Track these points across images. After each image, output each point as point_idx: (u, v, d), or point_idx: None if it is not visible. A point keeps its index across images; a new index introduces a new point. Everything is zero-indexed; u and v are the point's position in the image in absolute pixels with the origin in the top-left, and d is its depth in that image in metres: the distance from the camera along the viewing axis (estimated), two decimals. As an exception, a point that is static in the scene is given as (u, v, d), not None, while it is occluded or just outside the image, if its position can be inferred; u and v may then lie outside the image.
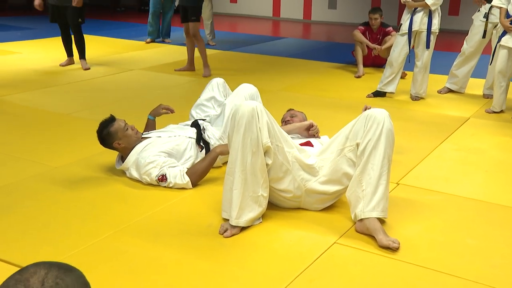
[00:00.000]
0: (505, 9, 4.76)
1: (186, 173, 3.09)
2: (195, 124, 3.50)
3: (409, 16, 5.10)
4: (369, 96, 5.38)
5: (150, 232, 2.60)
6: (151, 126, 3.63)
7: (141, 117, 3.89)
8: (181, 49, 6.41)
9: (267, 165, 2.58)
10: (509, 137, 4.18)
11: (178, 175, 3.07)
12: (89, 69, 6.41)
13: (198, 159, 3.29)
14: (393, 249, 2.42)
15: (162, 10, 8.55)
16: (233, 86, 3.93)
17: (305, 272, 2.26)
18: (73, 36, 6.40)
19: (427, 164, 3.58)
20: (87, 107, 4.85)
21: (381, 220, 2.58)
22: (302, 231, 2.61)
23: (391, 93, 5.36)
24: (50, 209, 2.83)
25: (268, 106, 3.66)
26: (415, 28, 5.07)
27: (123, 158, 3.27)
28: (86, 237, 2.53)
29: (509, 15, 4.72)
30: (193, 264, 2.31)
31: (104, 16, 12.13)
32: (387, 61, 5.38)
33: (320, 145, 3.04)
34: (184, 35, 6.40)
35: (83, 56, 6.49)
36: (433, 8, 4.98)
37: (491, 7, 5.12)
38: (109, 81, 5.94)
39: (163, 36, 8.70)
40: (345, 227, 2.66)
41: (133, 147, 3.21)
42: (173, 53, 7.61)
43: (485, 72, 5.52)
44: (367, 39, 6.57)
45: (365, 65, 6.56)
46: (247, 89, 3.68)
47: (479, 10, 5.37)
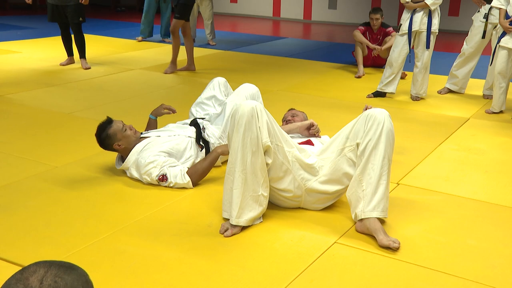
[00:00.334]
0: (505, 10, 4.77)
1: (186, 172, 3.09)
2: (195, 123, 3.50)
3: (409, 16, 5.10)
4: (369, 96, 5.39)
5: (150, 231, 2.60)
6: (152, 125, 3.63)
7: (142, 117, 3.91)
8: (181, 49, 6.41)
9: (267, 164, 2.59)
10: (509, 138, 4.19)
11: (178, 174, 3.07)
12: (89, 68, 6.41)
13: (198, 159, 3.29)
14: (394, 249, 2.42)
15: (160, 10, 8.55)
16: (233, 86, 3.94)
17: (305, 271, 2.26)
18: (73, 35, 6.41)
19: (427, 164, 3.59)
20: (88, 107, 4.85)
21: (381, 220, 2.58)
22: (302, 231, 2.61)
23: (391, 93, 5.36)
24: (50, 209, 2.83)
25: (268, 106, 3.67)
26: (415, 28, 5.07)
27: (123, 158, 3.28)
28: (86, 236, 2.53)
29: (508, 16, 4.73)
30: (193, 263, 2.31)
31: (104, 15, 12.13)
32: (387, 61, 5.39)
33: (320, 145, 3.04)
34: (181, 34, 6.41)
35: (83, 55, 6.49)
36: (432, 8, 4.98)
37: (491, 7, 5.13)
38: (109, 81, 5.95)
39: (163, 36, 8.70)
40: (345, 227, 2.66)
41: (133, 147, 3.22)
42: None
43: (485, 72, 5.53)
44: (367, 39, 6.57)
45: (365, 66, 6.57)
46: (248, 89, 3.69)
47: (479, 10, 5.37)
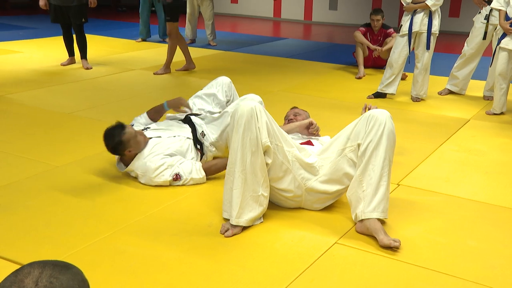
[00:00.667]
0: (504, 12, 4.76)
1: (202, 167, 3.12)
2: (189, 120, 3.46)
3: (409, 17, 5.10)
4: (369, 97, 5.39)
5: (150, 231, 2.60)
6: (158, 114, 3.57)
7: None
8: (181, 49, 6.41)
9: (267, 164, 2.59)
10: (509, 139, 4.19)
11: (193, 169, 3.08)
12: (90, 68, 6.42)
13: (199, 160, 3.30)
14: (394, 248, 2.42)
15: (155, 10, 8.56)
16: (234, 86, 3.94)
17: (305, 272, 2.27)
18: (74, 35, 6.42)
19: (428, 165, 3.59)
20: (89, 107, 4.86)
21: (381, 221, 2.59)
22: (302, 231, 2.62)
23: (392, 94, 5.37)
24: (51, 208, 2.83)
25: (268, 106, 3.68)
26: (415, 29, 5.07)
27: (124, 160, 3.23)
28: (86, 236, 2.54)
29: (508, 18, 4.73)
30: (193, 263, 2.31)
31: (105, 15, 12.13)
32: (387, 62, 5.39)
33: (320, 145, 3.05)
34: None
35: (85, 56, 6.50)
36: (433, 9, 4.98)
37: (492, 9, 5.13)
38: (110, 81, 5.95)
39: (161, 36, 8.72)
40: (345, 227, 2.67)
41: (140, 151, 3.17)
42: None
43: (486, 74, 5.53)
44: (368, 40, 6.58)
45: (365, 66, 6.58)
46: (250, 97, 3.62)
47: (480, 12, 5.37)
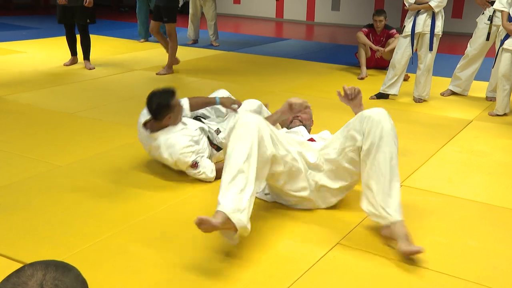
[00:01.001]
0: (507, 13, 4.75)
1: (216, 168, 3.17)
2: (198, 120, 3.50)
3: (412, 18, 5.10)
4: (372, 98, 5.38)
5: (151, 232, 2.60)
6: (204, 106, 3.56)
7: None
8: (182, 49, 6.41)
9: (279, 172, 2.61)
10: (512, 140, 4.19)
11: (209, 167, 3.15)
12: (93, 69, 6.43)
13: (212, 157, 3.34)
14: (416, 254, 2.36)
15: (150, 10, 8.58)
16: (235, 86, 3.95)
17: (307, 272, 2.26)
18: (78, 35, 6.42)
19: (430, 166, 3.58)
20: (91, 107, 4.86)
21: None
22: (304, 232, 2.61)
23: (394, 95, 5.36)
24: (52, 208, 2.83)
25: (271, 107, 3.67)
26: (418, 30, 5.06)
27: (151, 125, 3.20)
28: (87, 236, 2.54)
29: (511, 18, 4.71)
30: (194, 264, 2.31)
31: (107, 16, 12.15)
32: (389, 63, 5.39)
33: (322, 141, 3.05)
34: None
35: (87, 57, 6.50)
36: (436, 10, 4.98)
37: (495, 10, 5.12)
38: (112, 81, 5.96)
39: (145, 36, 8.71)
40: (348, 228, 2.66)
41: (173, 125, 3.19)
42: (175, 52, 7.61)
43: (489, 74, 5.52)
44: (370, 41, 6.57)
45: (368, 67, 6.57)
46: (251, 104, 3.62)
47: (483, 12, 5.36)
